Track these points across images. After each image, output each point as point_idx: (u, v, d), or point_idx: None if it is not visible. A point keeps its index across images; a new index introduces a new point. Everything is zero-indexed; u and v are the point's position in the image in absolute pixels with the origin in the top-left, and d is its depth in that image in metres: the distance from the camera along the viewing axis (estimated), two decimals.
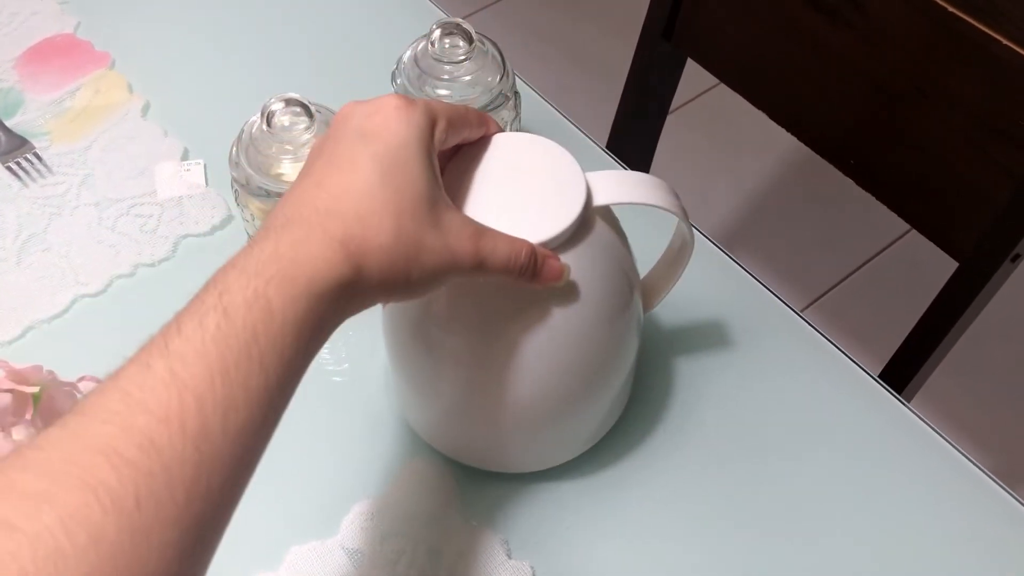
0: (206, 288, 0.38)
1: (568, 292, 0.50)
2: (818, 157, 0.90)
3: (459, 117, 0.47)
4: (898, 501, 0.59)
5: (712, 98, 1.73)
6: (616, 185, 0.51)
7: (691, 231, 0.56)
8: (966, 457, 0.61)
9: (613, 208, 0.53)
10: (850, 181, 0.88)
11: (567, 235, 0.48)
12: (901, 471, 0.60)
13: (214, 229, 0.70)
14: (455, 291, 0.50)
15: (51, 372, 0.51)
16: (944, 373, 0.97)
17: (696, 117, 1.72)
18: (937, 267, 0.89)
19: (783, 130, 0.92)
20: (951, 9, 0.74)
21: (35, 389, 0.50)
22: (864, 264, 1.60)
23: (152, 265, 0.68)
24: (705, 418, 0.62)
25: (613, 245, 0.52)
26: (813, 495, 0.59)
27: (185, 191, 0.71)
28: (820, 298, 1.55)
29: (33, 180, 0.72)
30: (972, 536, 0.58)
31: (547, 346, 0.51)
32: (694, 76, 1.02)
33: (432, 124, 0.44)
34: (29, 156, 0.73)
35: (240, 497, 0.37)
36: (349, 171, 0.41)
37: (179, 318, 0.37)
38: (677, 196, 0.54)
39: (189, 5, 0.85)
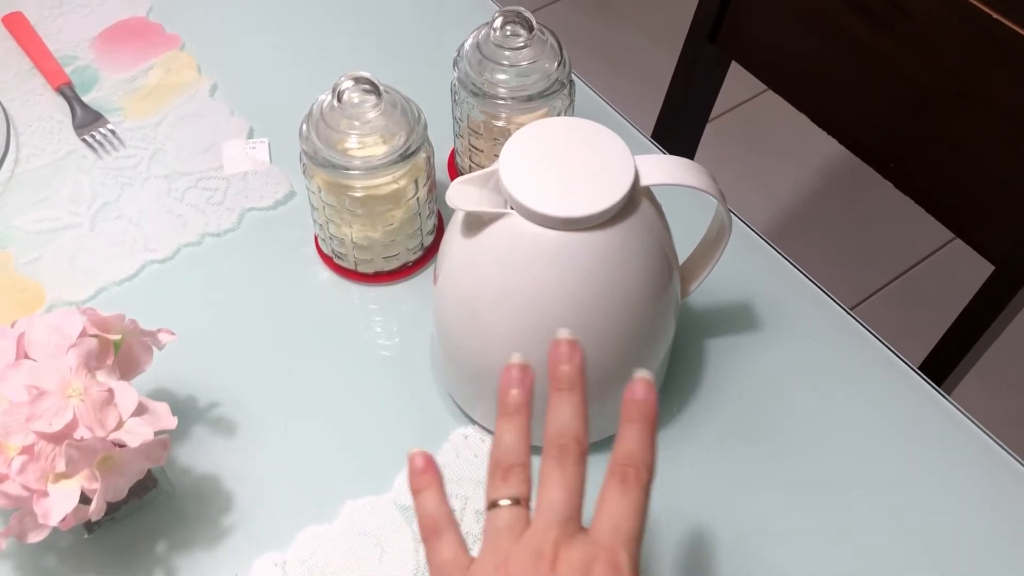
0: None
1: (613, 265, 0.53)
2: (856, 168, 0.92)
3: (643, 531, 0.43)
4: (932, 487, 0.61)
5: (751, 109, 1.75)
6: (661, 167, 0.54)
7: (729, 215, 0.58)
8: (1004, 448, 0.63)
9: (656, 196, 0.55)
10: (887, 193, 0.90)
11: (616, 209, 0.51)
12: (936, 459, 0.62)
13: (277, 204, 0.73)
14: (502, 269, 0.53)
15: (132, 321, 0.54)
16: (977, 375, 0.99)
17: (734, 127, 1.74)
18: (974, 280, 0.90)
19: (821, 141, 0.94)
20: (995, 16, 0.76)
21: (117, 337, 0.53)
22: (899, 276, 1.61)
23: (218, 235, 0.71)
24: (738, 402, 0.64)
25: (656, 225, 0.55)
26: (845, 479, 0.61)
27: (250, 167, 0.75)
28: (855, 308, 1.56)
29: (107, 152, 0.76)
30: (1012, 529, 0.60)
31: (591, 323, 0.54)
32: (734, 86, 1.04)
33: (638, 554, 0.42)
34: (103, 130, 0.77)
35: None
36: None
37: None
38: (716, 181, 0.56)
39: None
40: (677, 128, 1.09)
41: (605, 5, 2.00)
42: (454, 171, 0.75)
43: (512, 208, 0.52)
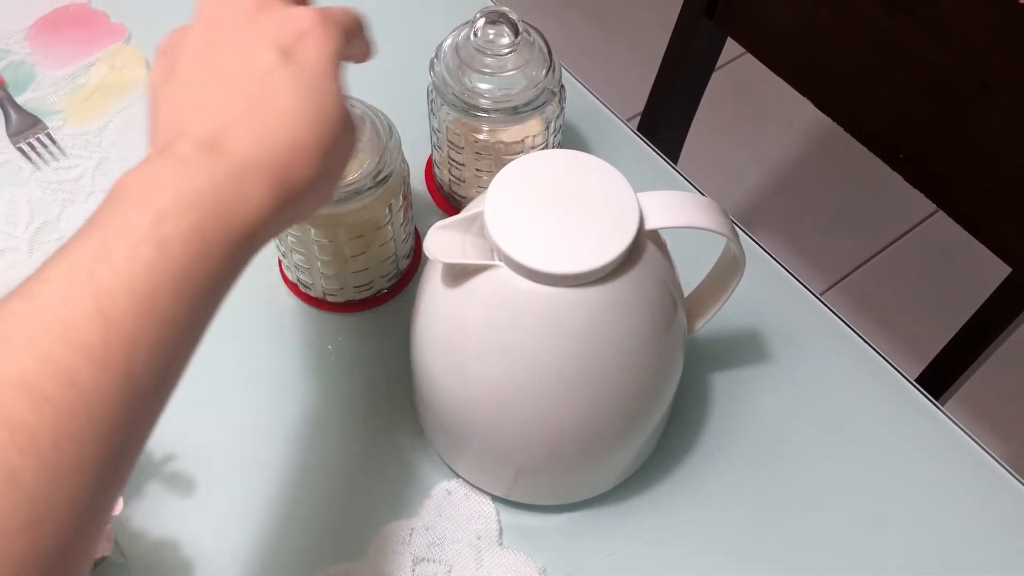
0: (135, 200, 0.35)
1: (614, 321, 0.47)
2: (843, 133, 0.86)
3: (358, 30, 0.44)
4: (940, 514, 0.56)
5: (736, 69, 1.68)
6: (668, 208, 0.48)
7: (743, 253, 0.52)
8: (1007, 470, 0.58)
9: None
10: (876, 160, 0.84)
11: (619, 262, 0.45)
12: (947, 486, 0.58)
13: None
14: (490, 322, 0.47)
15: None
16: (984, 375, 0.94)
17: (721, 85, 1.67)
18: (966, 246, 0.85)
19: (807, 104, 0.87)
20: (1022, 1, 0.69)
21: None
22: (894, 242, 1.56)
23: None
24: (743, 437, 0.59)
25: (662, 270, 0.49)
26: (859, 514, 0.57)
27: None
28: (847, 276, 1.51)
29: (45, 163, 0.68)
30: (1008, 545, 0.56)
31: (588, 380, 0.48)
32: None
33: (345, 39, 0.42)
34: (41, 137, 0.69)
35: (151, 432, 0.36)
36: (279, 96, 0.39)
37: (105, 237, 0.34)
38: (727, 215, 0.50)
39: None
40: (672, 103, 1.02)
41: None
42: (432, 181, 0.68)
43: (500, 260, 0.45)
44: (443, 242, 0.46)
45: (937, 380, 0.88)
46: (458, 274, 0.47)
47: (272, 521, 0.55)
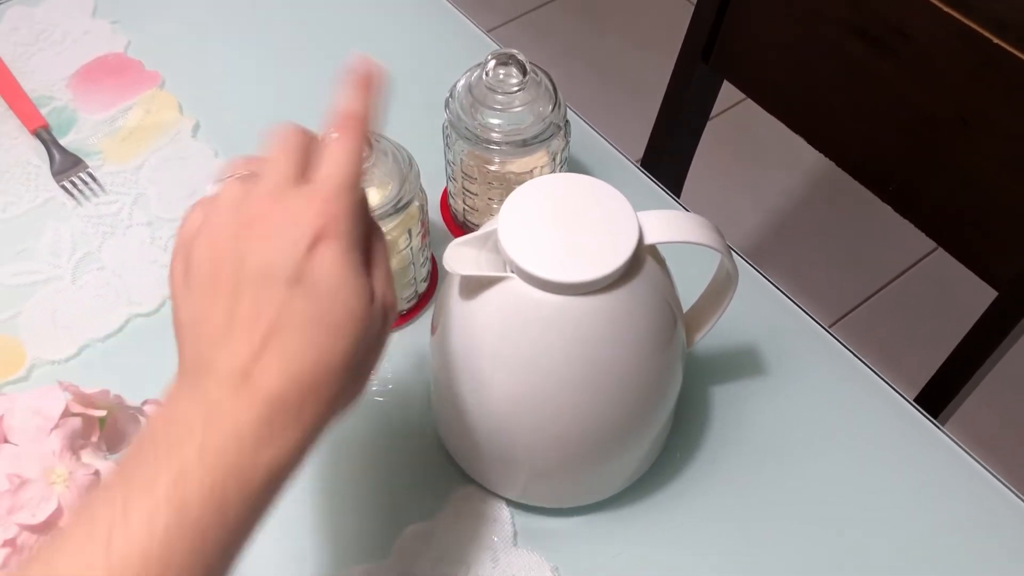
0: (161, 450, 0.36)
1: (617, 328, 0.51)
2: (843, 173, 0.90)
3: (360, 177, 0.43)
4: (941, 531, 0.59)
5: (738, 113, 1.73)
6: (665, 225, 0.52)
7: (735, 268, 0.56)
8: (1006, 486, 0.61)
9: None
10: (876, 198, 0.89)
11: (620, 272, 0.49)
12: (944, 501, 0.61)
13: None
14: (503, 330, 0.51)
15: (118, 396, 0.52)
16: (978, 397, 0.97)
17: (722, 131, 1.72)
18: (963, 284, 0.88)
19: (807, 147, 0.92)
20: (996, 41, 0.74)
21: (102, 413, 0.51)
22: (891, 282, 1.60)
23: None
24: (743, 446, 0.63)
25: (661, 282, 0.53)
26: (858, 523, 0.60)
27: None
28: (846, 316, 1.55)
29: (87, 199, 0.73)
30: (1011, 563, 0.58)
31: (594, 385, 0.52)
32: (721, 90, 1.02)
33: (360, 222, 0.42)
34: (83, 175, 0.74)
35: None
36: (295, 322, 0.38)
37: (128, 495, 0.35)
38: (720, 233, 0.54)
39: (239, 27, 0.86)
40: (672, 145, 1.07)
41: (590, 9, 1.98)
42: (447, 211, 0.73)
43: (512, 272, 0.50)
44: (460, 256, 0.50)
45: (932, 401, 0.91)
46: (473, 287, 0.52)
47: (301, 525, 0.59)
